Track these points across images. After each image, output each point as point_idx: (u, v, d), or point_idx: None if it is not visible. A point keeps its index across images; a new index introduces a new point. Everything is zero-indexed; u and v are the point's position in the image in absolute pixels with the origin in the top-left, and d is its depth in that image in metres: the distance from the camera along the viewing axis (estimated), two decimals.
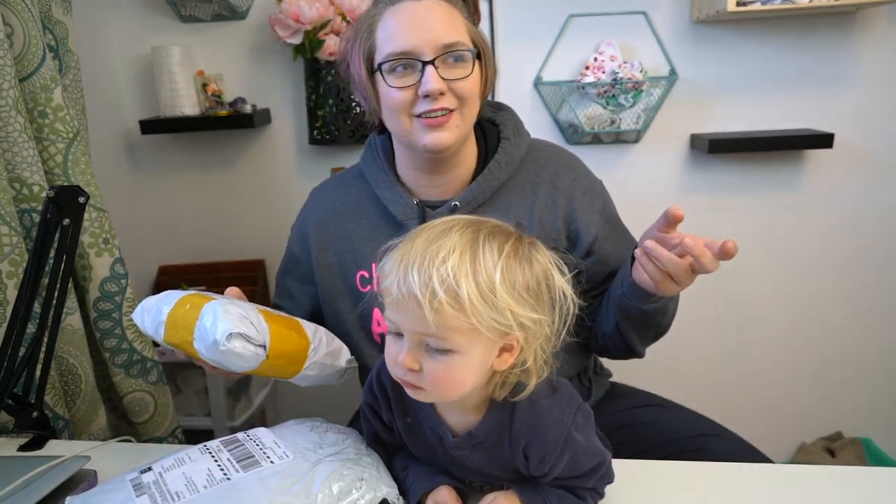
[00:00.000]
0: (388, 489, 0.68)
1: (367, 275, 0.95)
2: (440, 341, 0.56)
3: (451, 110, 0.86)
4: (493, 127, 0.98)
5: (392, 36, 0.84)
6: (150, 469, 0.69)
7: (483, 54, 0.89)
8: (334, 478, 0.65)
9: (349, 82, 0.93)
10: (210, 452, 0.70)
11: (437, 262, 0.55)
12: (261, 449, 0.70)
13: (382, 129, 0.97)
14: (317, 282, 1.00)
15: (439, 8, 0.85)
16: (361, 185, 0.99)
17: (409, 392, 0.62)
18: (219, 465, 0.68)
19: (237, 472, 0.66)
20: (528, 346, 0.60)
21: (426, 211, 0.93)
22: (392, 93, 0.86)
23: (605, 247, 0.95)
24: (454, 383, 0.59)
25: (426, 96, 0.84)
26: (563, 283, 0.61)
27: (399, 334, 0.59)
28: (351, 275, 0.96)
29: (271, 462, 0.68)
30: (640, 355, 0.96)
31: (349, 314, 0.97)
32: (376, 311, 0.94)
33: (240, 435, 0.74)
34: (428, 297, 0.54)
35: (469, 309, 0.54)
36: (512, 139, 0.95)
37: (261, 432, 0.75)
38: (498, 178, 0.93)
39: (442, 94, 0.84)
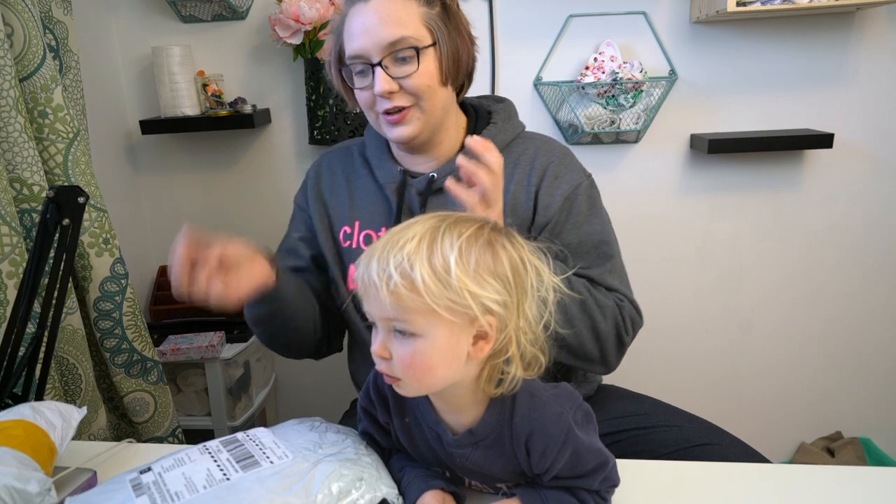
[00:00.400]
0: (388, 489, 0.68)
1: (349, 230, 1.01)
2: (402, 324, 0.58)
3: (407, 107, 0.89)
4: (487, 115, 1.01)
5: (348, 39, 0.89)
6: (149, 469, 0.69)
7: (438, 39, 0.89)
8: (334, 478, 0.65)
9: (332, 83, 0.98)
10: (209, 452, 0.70)
11: (395, 249, 0.57)
12: (260, 449, 0.70)
13: None
14: (316, 232, 1.05)
15: (388, 4, 0.86)
16: (362, 150, 1.05)
17: (394, 387, 0.62)
18: (218, 466, 0.67)
19: (237, 472, 0.66)
20: (506, 334, 0.60)
21: (407, 179, 0.97)
22: (358, 93, 0.92)
23: (558, 237, 0.94)
24: (423, 369, 0.59)
25: (380, 96, 0.88)
26: (538, 268, 0.61)
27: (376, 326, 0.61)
28: (336, 228, 1.02)
29: (271, 462, 0.68)
30: (596, 372, 1.00)
31: (333, 266, 1.03)
32: (352, 268, 0.99)
33: (239, 435, 0.74)
34: (385, 280, 0.56)
35: (423, 289, 0.55)
36: (499, 124, 0.98)
37: (260, 432, 0.75)
38: None
39: (392, 93, 0.88)
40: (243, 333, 1.68)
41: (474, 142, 0.79)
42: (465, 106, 1.03)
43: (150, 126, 1.64)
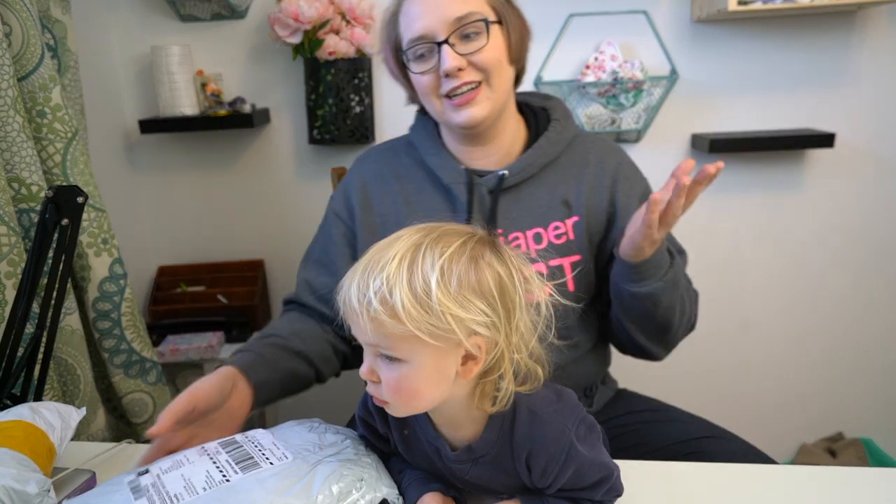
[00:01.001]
0: (388, 489, 0.67)
1: None
2: (386, 350, 0.56)
3: (478, 83, 0.87)
4: (543, 112, 0.99)
5: (409, 22, 0.87)
6: (147, 471, 0.68)
7: (504, 19, 0.89)
8: (334, 478, 0.65)
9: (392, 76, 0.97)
10: (208, 454, 0.70)
11: (375, 273, 0.55)
12: (260, 450, 0.70)
13: (425, 112, 1.00)
14: (358, 245, 0.99)
15: None
16: (409, 151, 1.01)
17: (384, 408, 0.61)
18: (217, 467, 0.67)
19: (236, 473, 0.66)
20: (497, 354, 0.57)
21: (473, 178, 0.94)
22: (418, 78, 0.89)
23: None
24: (409, 393, 0.58)
25: (447, 76, 0.86)
26: (528, 279, 0.59)
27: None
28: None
29: (270, 463, 0.67)
30: (654, 356, 0.98)
31: None
32: None
33: (238, 436, 0.74)
34: (365, 307, 0.54)
35: (403, 315, 0.53)
36: (562, 121, 0.97)
37: (259, 433, 0.74)
38: (547, 153, 0.94)
39: (461, 70, 0.85)
40: (242, 334, 1.68)
41: (717, 166, 0.77)
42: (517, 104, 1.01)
43: (149, 126, 1.64)
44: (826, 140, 1.55)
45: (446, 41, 0.84)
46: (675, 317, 0.91)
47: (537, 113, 0.99)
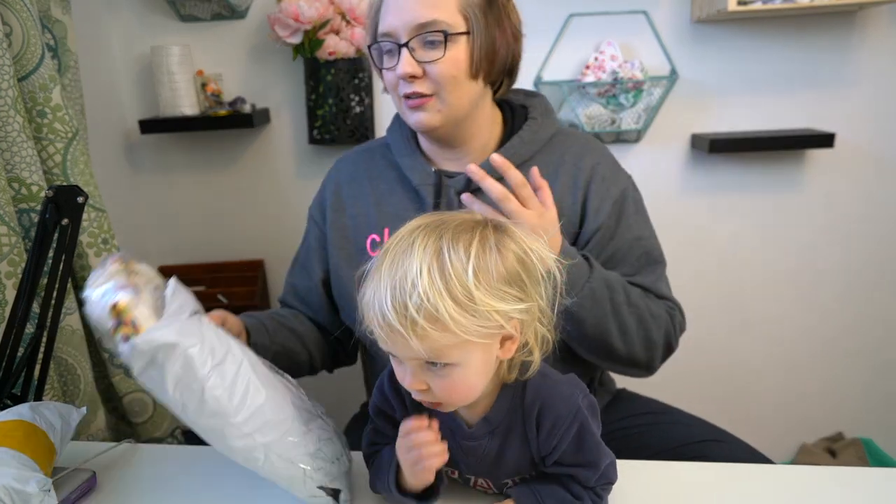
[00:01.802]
0: (343, 489, 0.71)
1: (377, 238, 0.95)
2: (436, 359, 0.57)
3: (428, 95, 0.85)
4: (522, 110, 0.96)
5: (383, 16, 0.85)
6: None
7: (473, 30, 0.83)
8: (325, 440, 0.72)
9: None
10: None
11: (407, 289, 0.54)
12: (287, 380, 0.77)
13: None
14: (328, 247, 0.99)
15: None
16: (385, 153, 1.00)
17: (431, 407, 0.63)
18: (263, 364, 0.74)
19: (278, 374, 0.75)
20: (528, 328, 0.60)
21: (443, 179, 0.92)
22: (385, 73, 0.88)
23: (609, 243, 0.91)
24: (465, 390, 0.60)
25: (401, 79, 0.85)
26: (541, 255, 0.60)
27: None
28: (362, 237, 0.95)
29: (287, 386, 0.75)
30: (629, 374, 0.93)
31: (353, 280, 0.96)
32: None
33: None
34: (409, 327, 0.54)
35: (453, 326, 0.54)
36: (539, 119, 0.93)
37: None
38: (520, 153, 0.91)
39: (415, 77, 0.84)
40: None
41: (496, 161, 0.78)
42: (497, 101, 0.98)
43: (149, 126, 1.64)
44: (826, 140, 1.55)
45: (406, 45, 0.83)
46: (614, 338, 0.86)
47: (516, 111, 0.97)
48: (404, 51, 0.83)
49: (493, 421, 0.66)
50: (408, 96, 0.86)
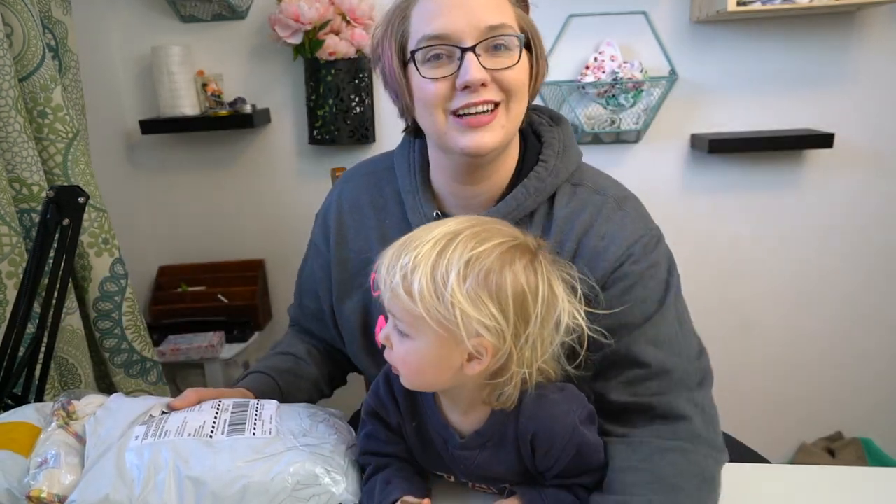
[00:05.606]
0: (350, 496, 0.68)
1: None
2: (399, 322, 0.60)
3: (496, 104, 0.72)
4: (537, 143, 0.82)
5: (428, 18, 0.71)
6: (168, 410, 0.74)
7: (533, 43, 0.76)
8: (297, 468, 0.66)
9: (382, 80, 0.80)
10: (217, 409, 0.73)
11: (409, 249, 0.59)
12: (255, 419, 0.72)
13: (417, 132, 0.83)
14: (332, 276, 0.90)
15: None
16: (391, 178, 0.87)
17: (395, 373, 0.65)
18: (213, 423, 0.70)
19: (221, 434, 0.69)
20: (502, 359, 0.58)
21: None
22: (425, 84, 0.72)
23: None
24: (414, 369, 0.62)
25: (465, 88, 0.70)
26: (555, 297, 0.59)
27: None
28: (365, 275, 0.86)
29: (253, 434, 0.69)
30: None
31: (354, 314, 0.87)
32: (381, 319, 0.85)
33: (252, 401, 0.76)
34: (389, 277, 0.59)
35: (417, 296, 0.57)
36: (550, 162, 0.79)
37: (268, 404, 0.76)
38: (524, 206, 0.78)
39: (484, 85, 0.71)
40: (243, 333, 1.68)
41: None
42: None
43: (150, 126, 1.64)
44: (826, 140, 1.55)
45: (473, 49, 0.70)
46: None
47: (529, 143, 0.82)
48: (471, 56, 0.70)
49: (485, 434, 0.66)
50: (465, 112, 0.72)
